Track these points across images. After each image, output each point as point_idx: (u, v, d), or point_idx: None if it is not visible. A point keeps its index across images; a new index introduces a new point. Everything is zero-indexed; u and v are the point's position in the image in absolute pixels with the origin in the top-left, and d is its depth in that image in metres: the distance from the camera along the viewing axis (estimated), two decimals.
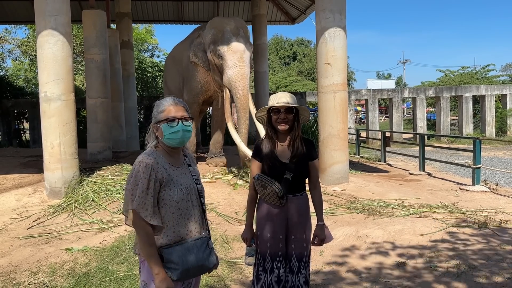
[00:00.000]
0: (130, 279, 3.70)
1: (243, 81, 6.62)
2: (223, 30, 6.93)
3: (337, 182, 7.09)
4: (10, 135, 17.32)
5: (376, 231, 4.58)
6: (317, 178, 2.63)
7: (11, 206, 6.13)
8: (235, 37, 6.79)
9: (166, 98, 2.07)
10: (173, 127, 1.98)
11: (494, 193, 7.24)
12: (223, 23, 7.07)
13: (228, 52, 6.71)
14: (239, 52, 6.71)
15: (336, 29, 7.04)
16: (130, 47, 13.53)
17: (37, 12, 6.44)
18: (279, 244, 2.49)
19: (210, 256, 2.02)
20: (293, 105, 2.47)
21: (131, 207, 1.89)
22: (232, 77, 6.62)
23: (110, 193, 6.37)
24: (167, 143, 2.02)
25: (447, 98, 19.57)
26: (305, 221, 2.53)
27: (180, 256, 1.91)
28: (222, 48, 6.75)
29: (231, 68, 6.64)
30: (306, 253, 2.53)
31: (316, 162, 2.58)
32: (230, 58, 6.68)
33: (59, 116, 6.46)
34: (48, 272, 3.92)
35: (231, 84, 6.69)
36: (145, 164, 1.93)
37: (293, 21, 15.56)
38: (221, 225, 5.21)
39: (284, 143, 2.53)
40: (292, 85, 30.12)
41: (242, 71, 6.65)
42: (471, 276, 3.45)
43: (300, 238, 2.51)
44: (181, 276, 1.91)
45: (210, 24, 7.26)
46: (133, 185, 1.91)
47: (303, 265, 2.51)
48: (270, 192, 2.43)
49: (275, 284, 2.48)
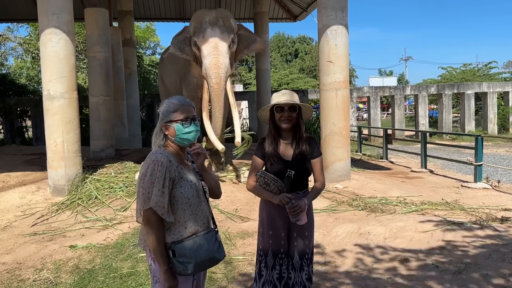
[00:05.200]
0: (134, 276, 3.73)
1: (216, 69, 6.44)
2: (201, 21, 6.77)
3: (339, 179, 7.11)
4: (13, 133, 17.37)
5: (378, 228, 4.60)
6: (321, 175, 2.61)
7: (15, 203, 6.16)
8: (211, 26, 6.62)
9: (175, 98, 2.11)
10: (187, 127, 2.03)
11: (496, 190, 7.24)
12: (203, 15, 6.91)
13: (203, 41, 6.58)
14: (213, 41, 6.54)
15: (338, 27, 7.04)
16: (132, 45, 13.55)
17: (39, 10, 6.46)
18: (281, 242, 2.51)
19: (219, 248, 2.07)
20: (297, 103, 2.48)
21: (148, 205, 1.92)
22: (206, 66, 6.48)
23: (113, 191, 6.40)
24: (179, 142, 2.06)
25: (449, 95, 19.53)
26: (307, 219, 2.53)
27: (193, 250, 1.96)
28: (198, 39, 6.63)
29: (206, 57, 6.50)
30: (308, 250, 2.54)
31: (319, 160, 2.58)
32: (205, 48, 6.54)
33: (62, 114, 6.49)
34: (52, 269, 3.96)
35: (205, 73, 6.54)
36: (161, 163, 1.96)
37: (295, 18, 15.53)
38: (224, 222, 5.24)
39: (286, 141, 2.54)
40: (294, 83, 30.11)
41: (216, 59, 6.47)
42: (472, 273, 3.47)
43: (302, 235, 2.52)
44: (194, 269, 1.96)
45: (192, 17, 7.14)
46: (149, 184, 1.93)
47: (306, 262, 2.52)
48: (273, 190, 2.44)
49: (276, 281, 2.50)
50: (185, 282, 2.01)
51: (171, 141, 2.07)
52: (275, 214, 2.51)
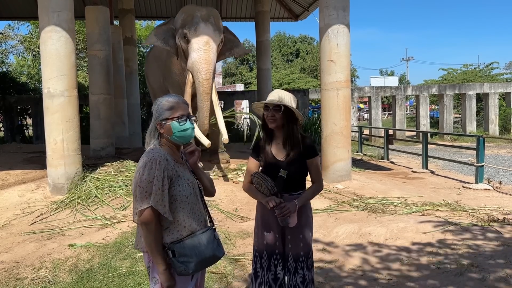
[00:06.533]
0: (133, 275, 3.71)
1: (207, 65, 6.37)
2: (193, 14, 6.70)
3: (340, 179, 7.08)
4: (13, 131, 17.34)
5: (378, 228, 4.57)
6: (317, 176, 2.56)
7: (14, 201, 6.14)
8: (204, 22, 6.57)
9: (169, 96, 2.09)
10: (183, 125, 2.01)
11: (497, 191, 7.21)
12: (194, 9, 6.88)
13: (194, 35, 6.50)
14: (206, 37, 6.49)
15: (340, 26, 7.02)
16: (133, 43, 13.52)
17: (40, 8, 6.44)
18: (275, 243, 2.48)
19: (218, 246, 2.06)
20: (280, 103, 2.42)
21: (147, 204, 1.89)
22: (196, 60, 6.38)
23: (113, 190, 6.38)
24: (176, 140, 2.03)
25: (450, 96, 19.49)
26: (302, 221, 2.46)
27: (193, 248, 1.94)
28: (189, 31, 6.54)
29: (196, 51, 6.42)
30: (303, 253, 2.47)
31: (314, 161, 2.51)
32: (196, 41, 6.47)
33: (62, 112, 6.47)
34: (51, 267, 3.94)
35: (193, 67, 6.43)
36: (158, 161, 1.93)
37: (296, 18, 15.50)
38: (224, 222, 5.22)
39: (279, 141, 2.51)
40: (295, 82, 30.09)
41: (207, 55, 6.40)
42: (473, 274, 3.44)
43: (297, 238, 2.47)
44: (195, 268, 1.94)
45: (181, 10, 7.09)
46: (147, 183, 1.90)
47: (300, 265, 2.46)
48: (264, 190, 2.40)
49: (272, 282, 2.48)
50: (186, 282, 1.99)
51: (167, 140, 2.04)
52: (268, 215, 2.47)
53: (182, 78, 7.28)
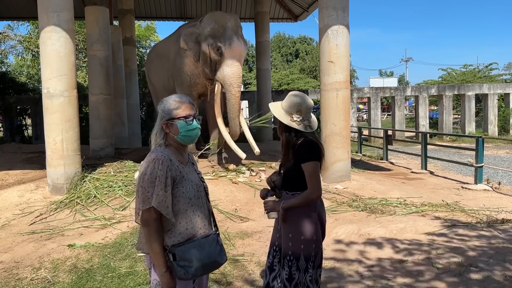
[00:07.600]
0: (133, 276, 3.71)
1: (239, 79, 6.92)
2: (224, 26, 6.98)
3: (339, 180, 7.09)
4: (12, 131, 17.34)
5: (378, 229, 4.58)
6: (309, 182, 2.46)
7: (14, 202, 6.14)
8: (236, 36, 6.97)
9: (176, 96, 2.07)
10: (190, 125, 2.00)
11: (497, 192, 7.22)
12: (225, 19, 7.11)
13: (229, 50, 6.88)
14: (239, 52, 6.98)
15: (339, 27, 7.02)
16: (132, 43, 13.53)
17: (40, 8, 6.43)
18: (276, 234, 2.61)
19: (220, 252, 2.03)
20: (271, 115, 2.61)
21: (149, 204, 1.87)
22: (229, 74, 6.83)
23: (112, 190, 6.37)
24: (182, 140, 2.02)
25: (449, 97, 19.51)
26: (291, 221, 2.47)
27: (194, 253, 1.90)
28: (224, 46, 6.88)
29: (230, 66, 6.85)
30: (291, 253, 2.46)
31: (306, 166, 2.45)
32: (230, 56, 6.89)
33: (62, 112, 6.46)
34: (50, 268, 3.94)
35: (226, 80, 6.85)
36: (161, 161, 1.91)
37: (296, 18, 15.52)
38: (223, 222, 5.21)
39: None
40: (295, 83, 30.04)
41: (239, 70, 6.94)
42: (472, 274, 3.45)
43: (285, 236, 2.51)
44: (196, 273, 1.90)
45: (210, 16, 7.26)
46: (149, 183, 1.88)
47: (287, 263, 2.48)
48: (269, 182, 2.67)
49: (267, 269, 2.61)
50: (187, 286, 1.96)
51: (173, 140, 2.02)
52: None
53: (195, 80, 7.64)
